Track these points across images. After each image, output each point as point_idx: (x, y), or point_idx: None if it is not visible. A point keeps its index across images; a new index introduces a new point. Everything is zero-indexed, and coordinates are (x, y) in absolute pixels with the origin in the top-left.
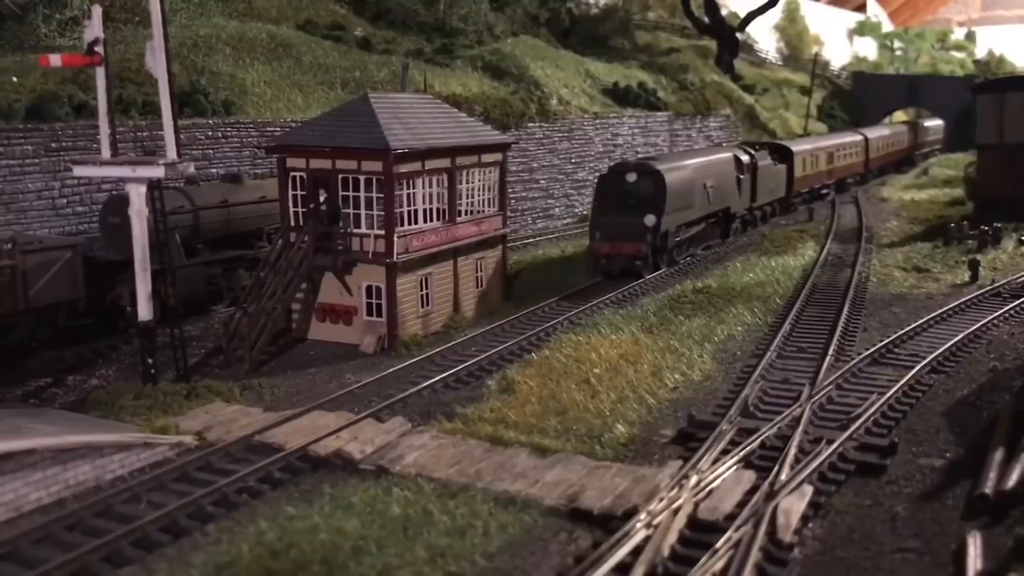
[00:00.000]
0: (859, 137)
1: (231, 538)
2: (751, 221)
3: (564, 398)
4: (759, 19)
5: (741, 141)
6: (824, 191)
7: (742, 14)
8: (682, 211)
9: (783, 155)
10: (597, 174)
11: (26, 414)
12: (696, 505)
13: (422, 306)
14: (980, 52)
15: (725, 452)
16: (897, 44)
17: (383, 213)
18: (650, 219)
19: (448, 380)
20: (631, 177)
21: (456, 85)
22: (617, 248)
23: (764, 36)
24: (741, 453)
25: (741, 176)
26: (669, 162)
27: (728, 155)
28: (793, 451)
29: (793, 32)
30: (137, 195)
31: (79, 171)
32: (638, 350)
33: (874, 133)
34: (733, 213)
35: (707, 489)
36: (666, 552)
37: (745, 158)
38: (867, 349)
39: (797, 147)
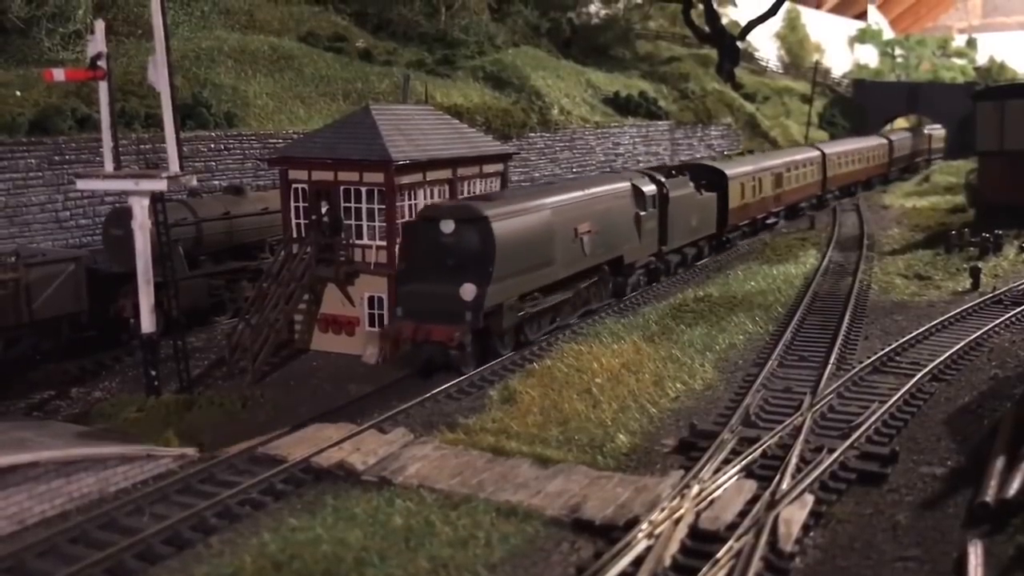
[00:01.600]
0: (815, 153)
1: (234, 550)
2: (662, 270)
3: (566, 408)
4: (760, 27)
5: (651, 166)
6: (771, 220)
7: (743, 23)
8: (528, 273)
9: (713, 180)
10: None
11: (30, 427)
12: (697, 515)
13: None
14: (981, 59)
15: (727, 461)
16: (898, 51)
17: (385, 224)
18: (468, 290)
19: (450, 391)
20: (447, 226)
21: (457, 96)
22: (425, 331)
23: (765, 44)
24: (743, 462)
25: (642, 213)
26: (512, 202)
27: (622, 186)
28: (794, 460)
29: (794, 40)
30: (140, 208)
31: (82, 184)
32: (640, 359)
33: (835, 148)
34: (631, 263)
35: (708, 499)
36: (667, 562)
37: (649, 188)
38: (868, 357)
39: (733, 169)
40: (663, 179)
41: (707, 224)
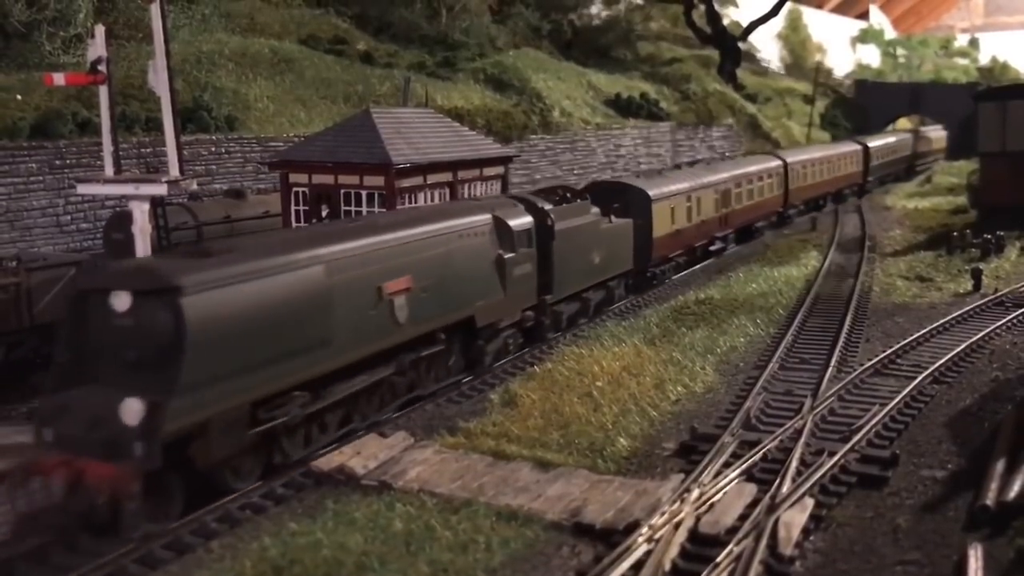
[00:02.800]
0: (775, 163)
1: (234, 554)
2: (547, 326)
3: (566, 411)
4: (761, 28)
5: (546, 186)
6: (716, 246)
7: (744, 23)
8: (273, 366)
9: (632, 202)
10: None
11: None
12: (698, 518)
13: None
14: (983, 59)
15: (727, 465)
16: (900, 51)
17: None
18: (131, 409)
19: (451, 394)
20: (120, 302)
21: (458, 98)
22: (75, 470)
23: (766, 45)
24: (743, 466)
25: (509, 255)
26: (248, 258)
27: (474, 220)
28: (795, 464)
29: (796, 41)
30: (140, 212)
31: (83, 189)
32: (640, 362)
33: (799, 156)
34: (491, 324)
35: (709, 502)
36: (667, 566)
37: (520, 221)
38: (869, 360)
39: (659, 188)
40: (547, 206)
41: (620, 259)
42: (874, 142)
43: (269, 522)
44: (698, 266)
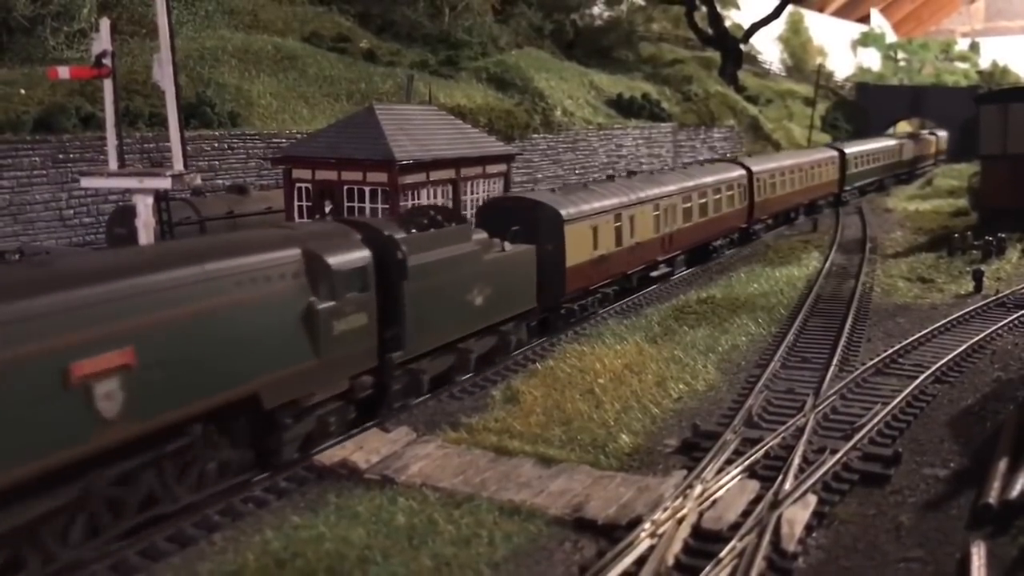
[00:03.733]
0: (737, 172)
1: (237, 547)
2: (398, 394)
3: (569, 408)
4: (763, 30)
5: (422, 206)
6: (659, 271)
7: (746, 25)
8: None
9: (539, 224)
10: None
11: None
12: (700, 515)
13: None
14: (984, 63)
15: (729, 462)
16: (901, 55)
17: None
18: None
19: (453, 390)
20: None
21: (461, 97)
22: None
23: (768, 47)
24: (745, 463)
25: (327, 305)
26: None
27: (276, 259)
28: (797, 461)
29: (797, 43)
30: (144, 206)
31: (86, 182)
32: (642, 360)
33: (766, 164)
34: (290, 403)
35: (711, 499)
36: (670, 562)
37: (349, 257)
38: (871, 359)
39: (574, 207)
40: (399, 234)
41: (517, 296)
42: (852, 148)
43: (271, 515)
44: (638, 294)
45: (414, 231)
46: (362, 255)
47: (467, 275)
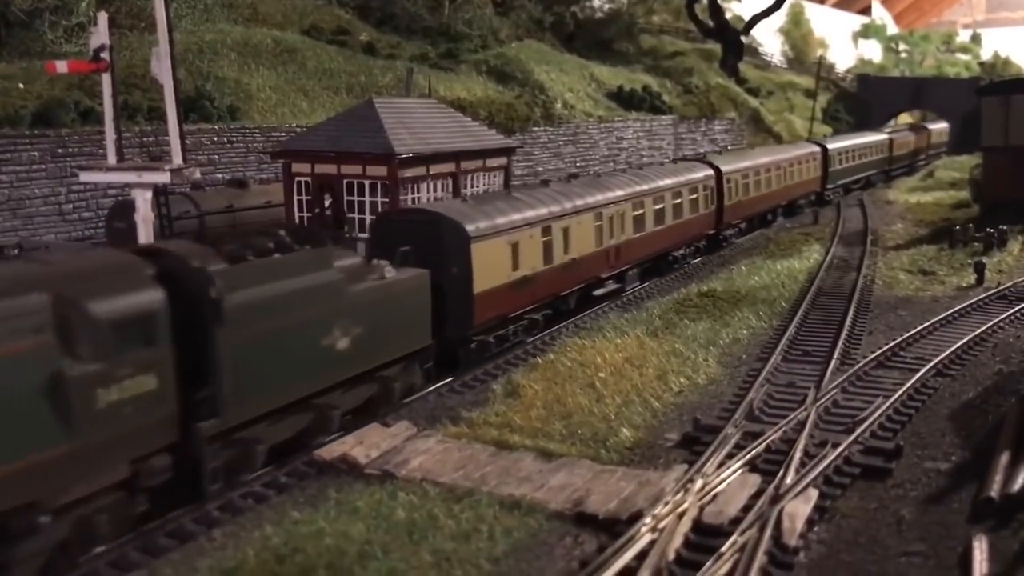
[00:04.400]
0: (703, 172)
1: (237, 543)
2: (218, 471)
3: (569, 402)
4: (764, 22)
5: (263, 229)
6: (603, 289)
7: (746, 17)
8: None
9: (443, 244)
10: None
11: None
12: (701, 509)
13: None
14: (986, 54)
15: (730, 456)
16: (902, 46)
17: None
18: None
19: (454, 384)
20: None
21: (461, 89)
22: None
23: (769, 39)
24: (746, 457)
25: (85, 368)
26: None
27: (7, 309)
28: (798, 455)
29: (798, 35)
30: (143, 201)
31: (85, 177)
32: (643, 354)
33: (738, 163)
34: (33, 507)
35: (712, 493)
36: (671, 556)
37: (126, 303)
38: (872, 352)
39: (486, 221)
40: (213, 265)
41: (400, 335)
42: (835, 144)
43: (271, 511)
44: (579, 316)
45: (246, 258)
46: (149, 297)
47: (324, 312)
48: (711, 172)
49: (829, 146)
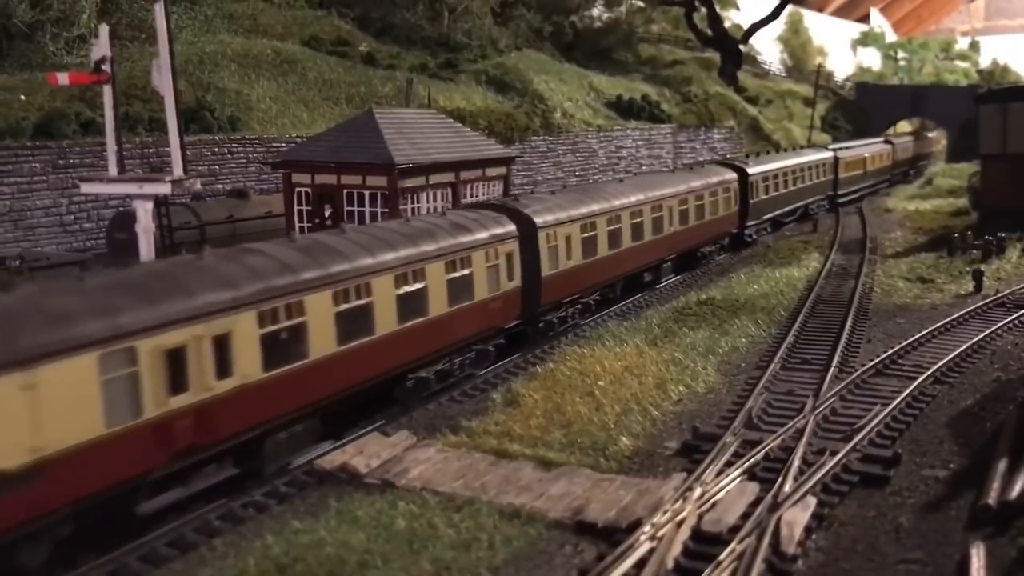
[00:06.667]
0: (504, 229)
1: (237, 552)
2: None
3: (569, 411)
4: (762, 31)
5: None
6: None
7: (745, 26)
8: None
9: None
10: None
11: None
12: (700, 517)
13: None
14: (984, 62)
15: (729, 464)
16: (901, 54)
17: None
18: None
19: (453, 394)
20: None
21: (460, 99)
22: None
23: (767, 48)
24: (745, 465)
25: None
26: None
27: None
28: (797, 463)
29: (796, 43)
30: (144, 211)
31: (86, 188)
32: (642, 362)
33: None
34: None
35: (711, 501)
36: (670, 564)
37: None
38: (871, 360)
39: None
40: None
41: None
42: (758, 167)
43: (272, 520)
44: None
45: None
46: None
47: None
48: (512, 229)
49: (751, 170)
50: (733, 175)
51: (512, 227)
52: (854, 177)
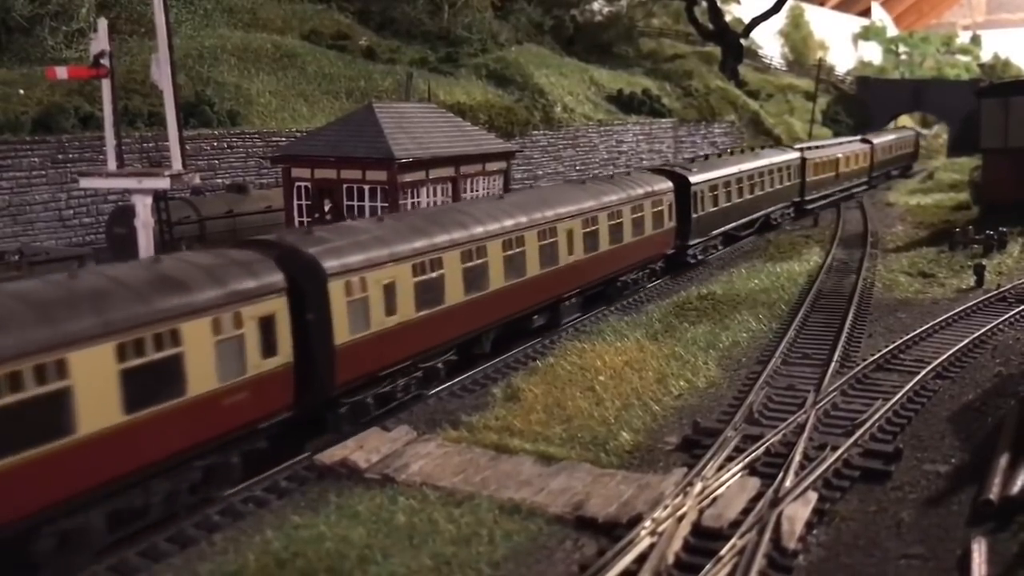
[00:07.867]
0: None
1: (238, 547)
2: None
3: (569, 406)
4: (763, 25)
5: None
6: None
7: (746, 20)
8: None
9: None
10: None
11: None
12: (701, 512)
13: None
14: (985, 56)
15: (730, 459)
16: (902, 48)
17: None
18: None
19: (454, 388)
20: None
21: (460, 94)
22: None
23: (768, 42)
24: (746, 460)
25: None
26: None
27: None
28: (798, 458)
29: (797, 37)
30: (143, 206)
31: (85, 183)
32: (643, 357)
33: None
34: None
35: (712, 496)
36: (671, 560)
37: None
38: (872, 355)
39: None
40: None
41: None
42: (704, 174)
43: (272, 515)
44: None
45: None
46: None
47: None
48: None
49: (694, 178)
50: (668, 185)
51: (280, 277)
52: (825, 180)
